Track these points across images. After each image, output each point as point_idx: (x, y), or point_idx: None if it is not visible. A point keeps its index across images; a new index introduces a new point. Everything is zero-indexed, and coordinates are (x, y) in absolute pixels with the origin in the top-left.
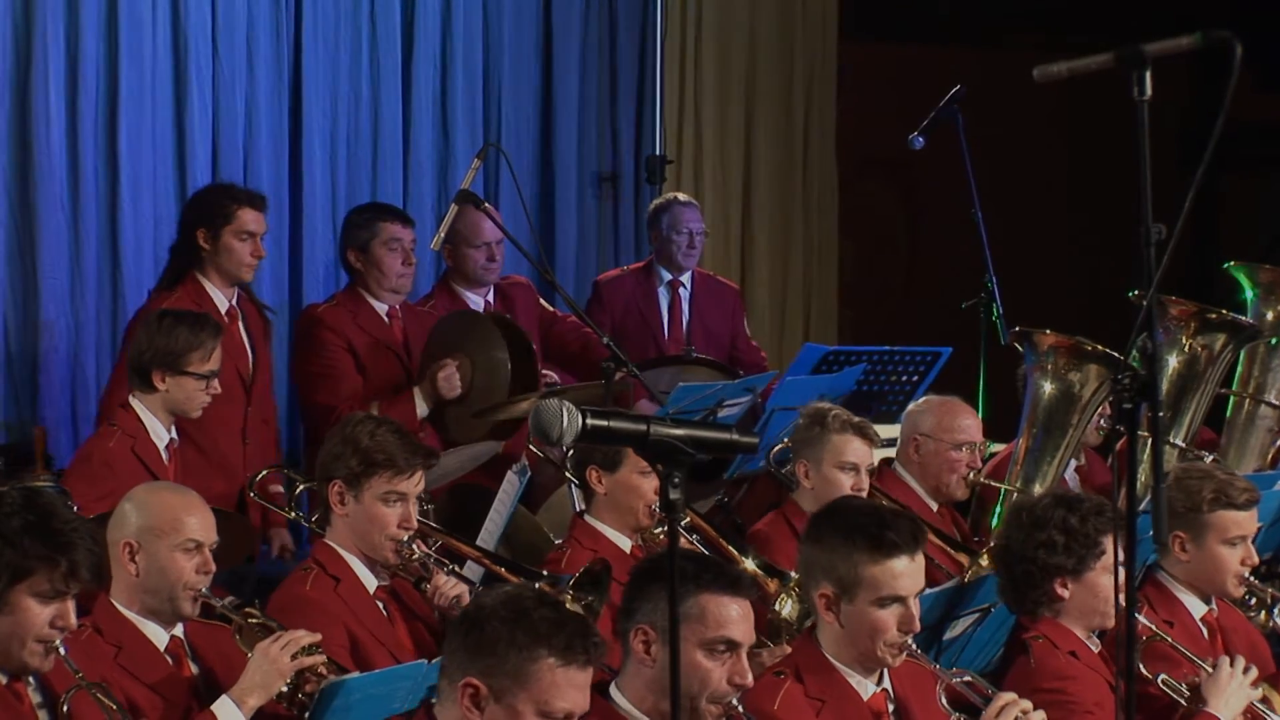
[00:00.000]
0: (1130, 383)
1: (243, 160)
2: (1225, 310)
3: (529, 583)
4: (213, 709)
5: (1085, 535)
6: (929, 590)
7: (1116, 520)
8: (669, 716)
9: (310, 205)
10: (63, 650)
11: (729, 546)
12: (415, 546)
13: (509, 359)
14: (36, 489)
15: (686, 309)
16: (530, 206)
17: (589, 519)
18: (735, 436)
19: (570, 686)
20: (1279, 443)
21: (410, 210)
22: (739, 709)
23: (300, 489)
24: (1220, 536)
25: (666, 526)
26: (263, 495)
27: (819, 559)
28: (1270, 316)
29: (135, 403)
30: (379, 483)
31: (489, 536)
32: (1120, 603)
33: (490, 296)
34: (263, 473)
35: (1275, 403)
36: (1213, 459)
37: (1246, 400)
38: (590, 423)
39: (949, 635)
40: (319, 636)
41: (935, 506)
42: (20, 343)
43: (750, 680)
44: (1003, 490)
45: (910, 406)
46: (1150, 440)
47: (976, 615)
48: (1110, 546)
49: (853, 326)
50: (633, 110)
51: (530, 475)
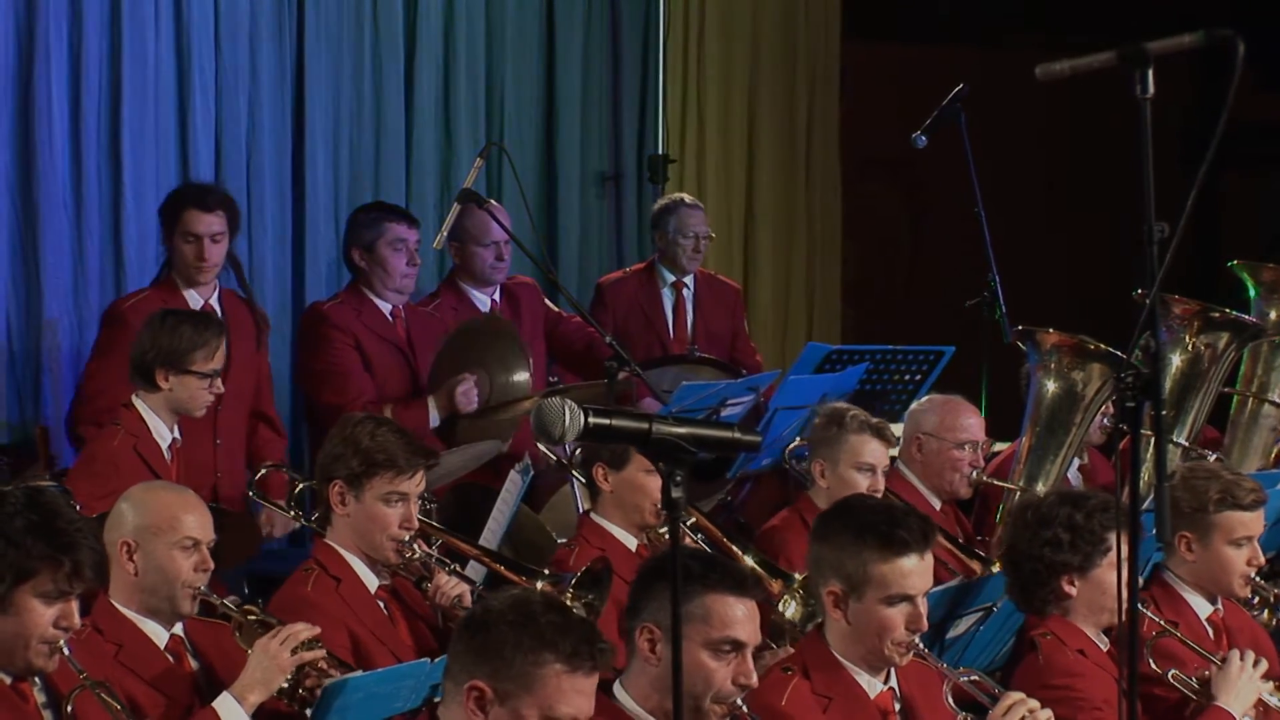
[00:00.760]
0: (1134, 381)
1: (245, 159)
2: (1229, 309)
3: (533, 584)
4: (214, 705)
5: (1091, 532)
6: (932, 589)
7: (1119, 519)
8: (673, 715)
9: (313, 204)
10: (67, 650)
11: (732, 545)
12: (416, 546)
13: (531, 382)
14: (39, 488)
15: (690, 309)
16: (532, 206)
17: (595, 517)
18: (738, 435)
19: (575, 692)
20: None
21: (413, 209)
22: (744, 709)
23: (300, 488)
24: (1226, 537)
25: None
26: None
27: (828, 556)
28: (1273, 315)
29: (138, 402)
30: (380, 483)
31: (492, 536)
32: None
33: (496, 296)
34: (262, 471)
35: (1278, 401)
36: (1216, 458)
37: (1250, 399)
38: (592, 421)
39: (952, 634)
40: (318, 631)
41: (938, 505)
42: (23, 342)
43: (755, 681)
44: (1006, 489)
45: (913, 405)
46: (1154, 439)
47: (979, 614)
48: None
49: (855, 325)
50: (635, 109)
51: (534, 474)
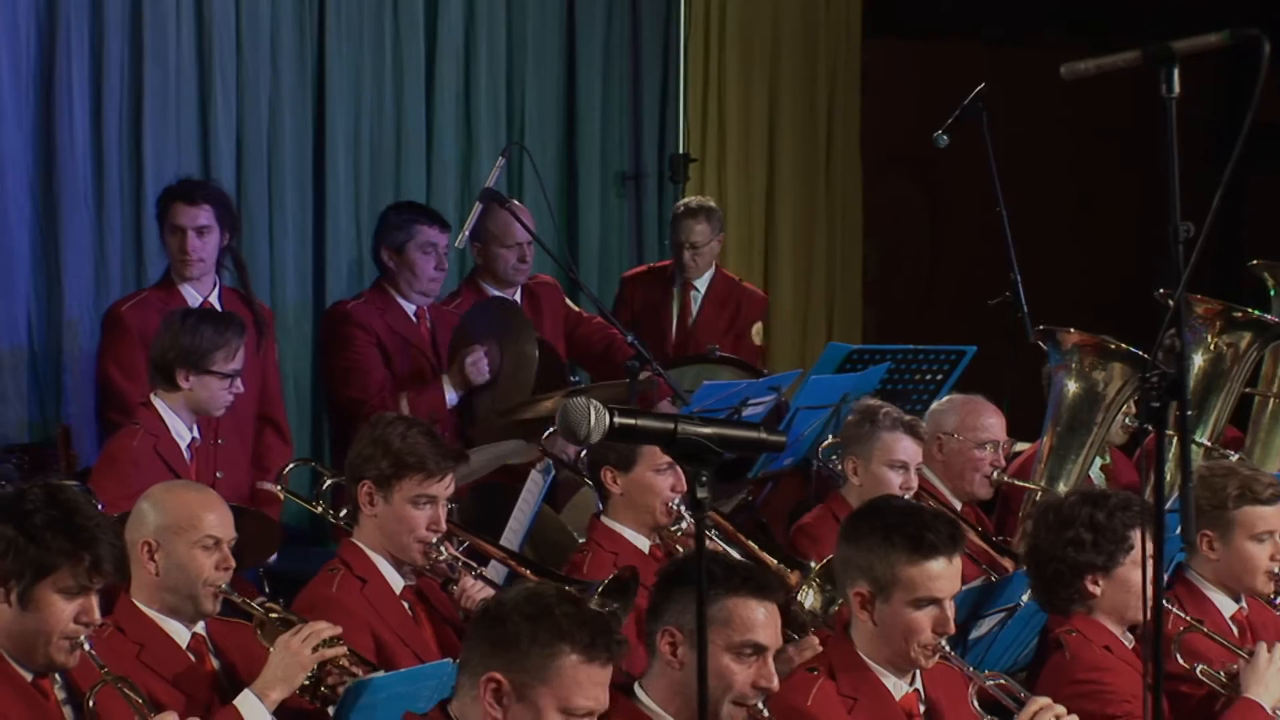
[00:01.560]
0: (1159, 381)
1: (266, 158)
2: (1251, 309)
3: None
4: (235, 703)
5: (1113, 531)
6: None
7: (1145, 519)
8: (696, 718)
9: (334, 203)
10: (88, 646)
11: (749, 542)
12: (443, 549)
13: (538, 353)
14: (59, 485)
15: (695, 312)
16: (553, 205)
17: (606, 520)
18: (763, 435)
19: (592, 683)
20: None
21: (433, 209)
22: (763, 712)
23: (327, 484)
24: (1248, 532)
25: (690, 525)
26: (250, 498)
27: (855, 558)
28: None
29: (157, 401)
30: (409, 485)
31: (513, 536)
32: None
33: (518, 296)
34: (289, 466)
35: None
36: (1238, 457)
37: (1271, 399)
38: (618, 421)
39: (975, 634)
40: (340, 629)
41: (959, 505)
42: (44, 342)
43: (776, 684)
44: (1028, 490)
45: (934, 405)
46: (1178, 439)
47: (1002, 614)
48: (1139, 541)
49: (876, 325)
50: (656, 109)
51: (554, 474)
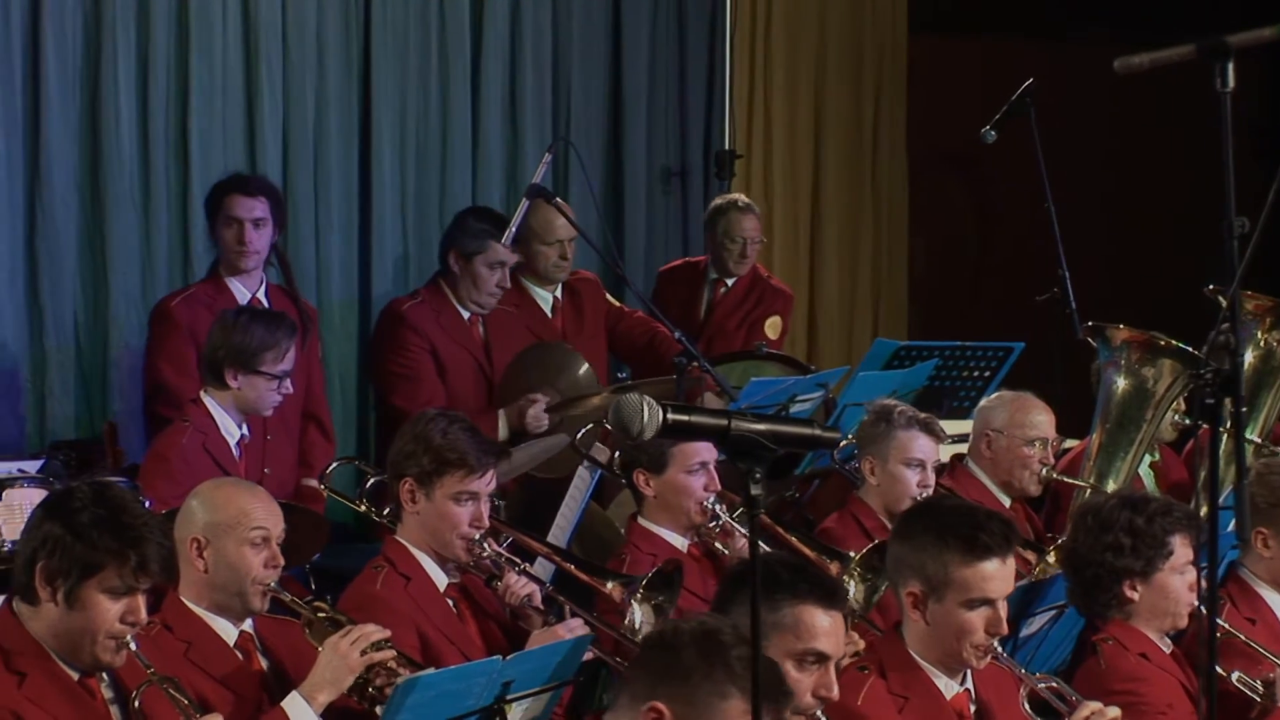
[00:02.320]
0: (1213, 378)
1: (313, 156)
2: None
3: (603, 584)
4: (283, 705)
5: (1152, 536)
6: None
7: (1186, 524)
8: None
9: (380, 200)
10: (134, 646)
11: (789, 536)
12: (487, 545)
13: (593, 371)
14: (106, 483)
15: (718, 309)
16: (599, 201)
17: (643, 521)
18: (818, 432)
19: None
20: None
21: (478, 205)
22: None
23: (370, 482)
24: None
25: (726, 522)
26: (295, 494)
27: (908, 557)
28: None
29: (207, 398)
30: (451, 482)
31: (560, 532)
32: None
33: (559, 293)
34: (333, 465)
35: None
36: None
37: None
38: (671, 417)
39: (1025, 633)
40: (389, 633)
41: (1008, 503)
42: (91, 339)
43: (835, 694)
44: (1077, 487)
45: (983, 402)
46: (1231, 436)
47: (1053, 613)
48: (1179, 547)
49: (921, 322)
50: (702, 105)
51: (601, 471)
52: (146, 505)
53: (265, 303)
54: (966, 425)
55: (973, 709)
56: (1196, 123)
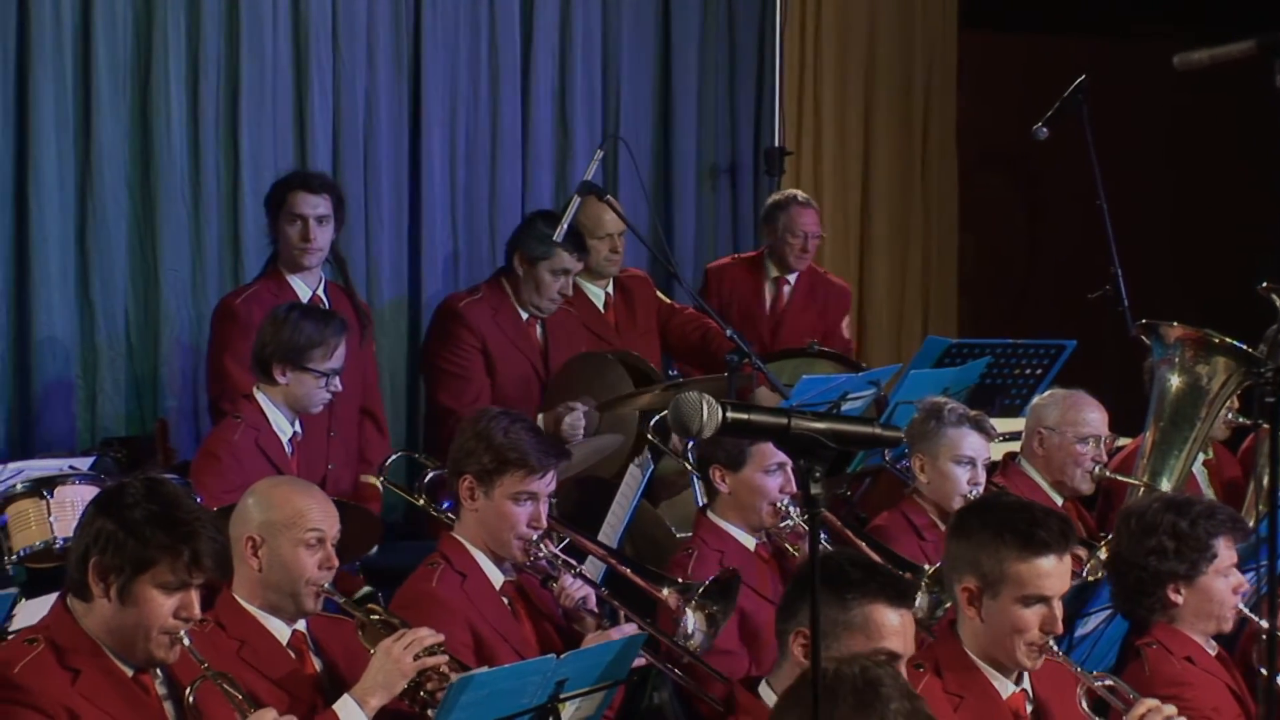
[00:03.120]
0: (1274, 376)
1: (363, 154)
2: None
3: (659, 590)
4: (335, 708)
5: (1196, 539)
6: None
7: (1230, 527)
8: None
9: (430, 198)
10: (187, 641)
11: (859, 541)
12: (543, 545)
13: (638, 422)
14: (159, 479)
15: (786, 305)
16: (649, 198)
17: (713, 516)
18: (879, 430)
19: None
20: None
21: (528, 203)
22: None
23: (429, 475)
24: None
25: (798, 524)
26: (357, 490)
27: (964, 553)
28: None
29: (259, 395)
30: (511, 481)
31: (611, 530)
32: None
33: (610, 289)
34: (391, 458)
35: None
36: None
37: None
38: (730, 416)
39: (1080, 632)
40: (442, 637)
41: (1060, 501)
42: (141, 336)
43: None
44: (1130, 485)
45: (1035, 400)
46: None
47: (1108, 612)
48: (1223, 549)
49: (971, 319)
50: (752, 102)
51: (653, 468)
52: (199, 500)
53: (325, 300)
54: (1018, 423)
55: (1029, 709)
56: (1251, 119)
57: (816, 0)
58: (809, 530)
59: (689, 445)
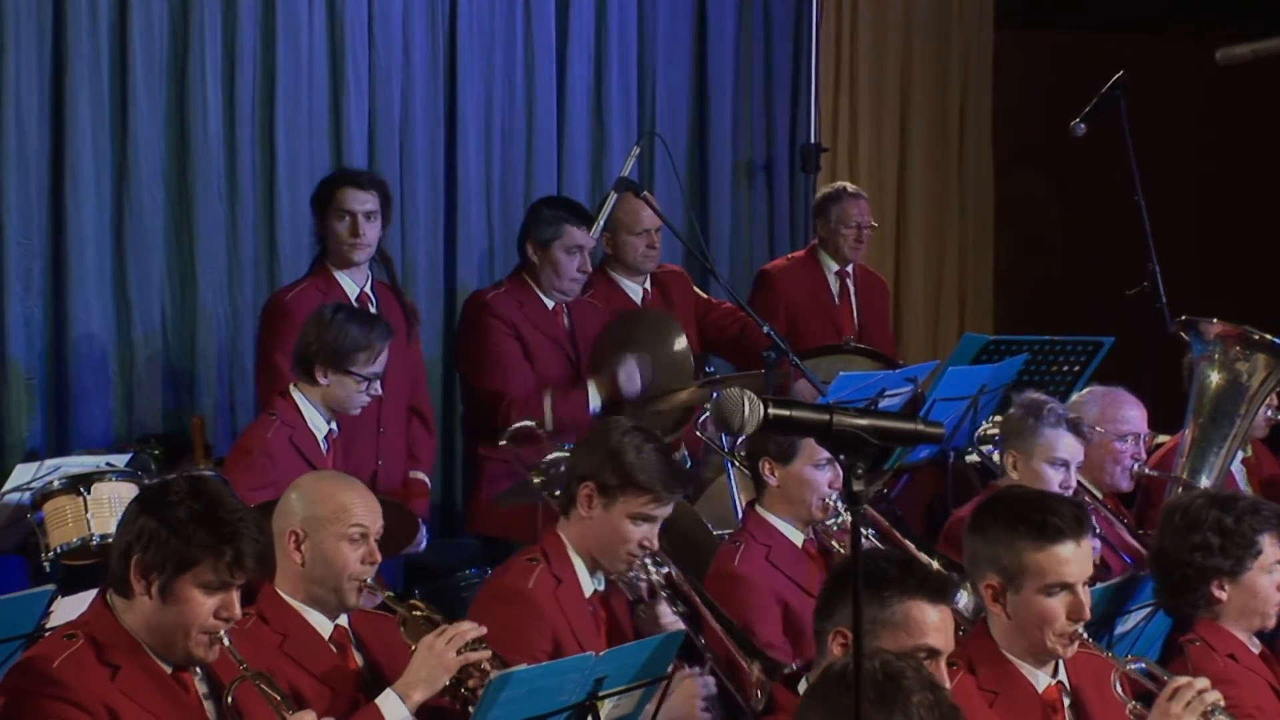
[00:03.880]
0: None
1: (399, 150)
2: None
3: (751, 665)
4: (377, 702)
5: (1241, 535)
6: (1099, 584)
7: (1276, 523)
8: (854, 714)
9: (465, 194)
10: (227, 641)
11: (905, 540)
12: (650, 568)
13: (689, 350)
14: (202, 477)
15: (854, 299)
16: (685, 194)
17: (761, 510)
18: (921, 427)
19: None
20: None
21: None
22: None
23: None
24: None
25: (846, 520)
26: (403, 486)
27: (983, 550)
28: None
29: (296, 393)
30: (634, 502)
31: None
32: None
33: (647, 285)
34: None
35: None
36: None
37: None
38: (772, 412)
39: (1120, 629)
40: (484, 630)
41: (1100, 498)
42: (178, 332)
43: (947, 689)
44: (1169, 482)
45: (1074, 397)
46: None
47: (1149, 609)
48: (1268, 546)
49: (1007, 316)
50: (787, 98)
51: (690, 465)
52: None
53: (373, 298)
54: None
55: (1066, 701)
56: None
57: None
58: (851, 525)
59: (738, 441)
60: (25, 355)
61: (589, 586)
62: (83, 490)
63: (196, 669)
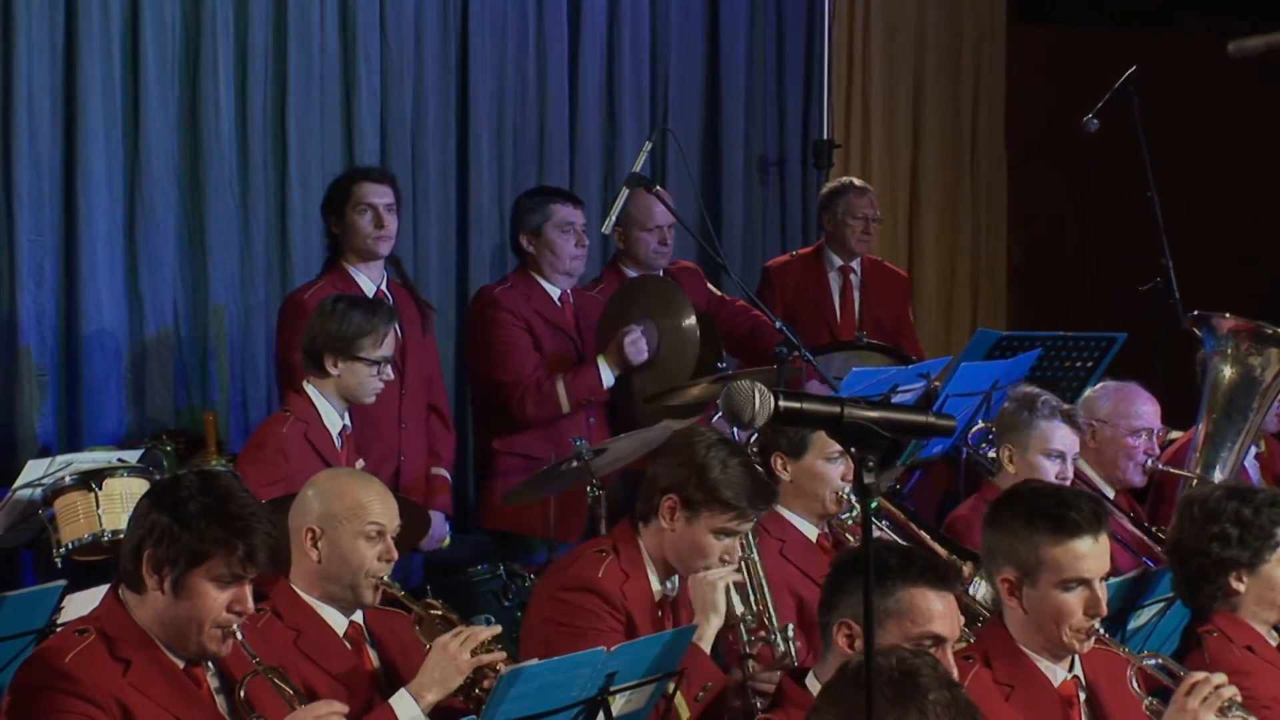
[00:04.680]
0: None
1: (410, 146)
2: None
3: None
4: (390, 702)
5: (1259, 527)
6: (1112, 579)
7: None
8: (865, 707)
9: (477, 190)
10: (240, 635)
11: (920, 531)
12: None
13: (698, 328)
14: (214, 472)
15: (857, 295)
16: (698, 190)
17: (775, 506)
18: (932, 420)
19: None
20: None
21: (577, 195)
22: None
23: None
24: None
25: (858, 511)
26: (425, 482)
27: (1000, 544)
28: None
29: (309, 388)
30: (719, 518)
31: None
32: None
33: None
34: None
35: None
36: None
37: None
38: (783, 405)
39: (1134, 624)
40: (499, 629)
41: (1112, 494)
42: (190, 328)
43: (955, 677)
44: (1183, 478)
45: (1087, 392)
46: None
47: (1161, 605)
48: None
49: (1020, 311)
50: (800, 95)
51: None
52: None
53: (389, 296)
54: None
55: (1082, 696)
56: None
57: None
58: (862, 518)
59: (751, 437)
60: (38, 351)
61: (657, 589)
62: (94, 486)
63: (208, 664)
